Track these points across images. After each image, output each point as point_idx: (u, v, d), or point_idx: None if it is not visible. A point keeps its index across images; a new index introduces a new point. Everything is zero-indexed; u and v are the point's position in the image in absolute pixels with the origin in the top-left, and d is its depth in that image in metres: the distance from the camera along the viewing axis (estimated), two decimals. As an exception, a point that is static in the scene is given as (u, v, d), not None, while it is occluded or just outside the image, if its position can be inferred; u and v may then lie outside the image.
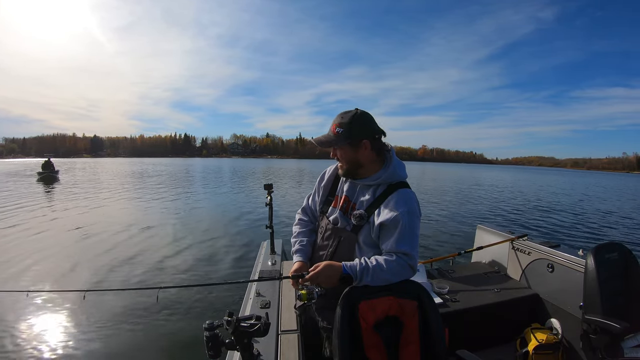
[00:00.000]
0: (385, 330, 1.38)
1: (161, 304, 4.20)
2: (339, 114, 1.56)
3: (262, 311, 1.74)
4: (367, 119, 1.56)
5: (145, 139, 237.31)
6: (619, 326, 1.93)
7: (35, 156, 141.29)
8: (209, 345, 1.24)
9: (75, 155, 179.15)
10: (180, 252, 6.75)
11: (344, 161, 1.60)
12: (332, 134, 1.55)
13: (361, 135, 1.53)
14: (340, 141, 1.54)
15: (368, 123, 1.56)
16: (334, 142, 1.56)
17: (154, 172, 36.36)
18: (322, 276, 1.44)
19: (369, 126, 1.55)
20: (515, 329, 2.68)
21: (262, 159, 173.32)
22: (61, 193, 15.93)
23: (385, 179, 1.57)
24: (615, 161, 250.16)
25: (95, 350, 3.47)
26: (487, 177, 45.78)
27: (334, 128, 1.54)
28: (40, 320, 3.97)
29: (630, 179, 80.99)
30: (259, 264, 2.73)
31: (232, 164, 79.25)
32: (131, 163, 70.39)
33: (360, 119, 1.53)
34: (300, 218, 1.86)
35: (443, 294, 2.75)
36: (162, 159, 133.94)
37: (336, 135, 1.54)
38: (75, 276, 5.39)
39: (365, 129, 1.54)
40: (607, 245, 2.25)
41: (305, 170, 50.62)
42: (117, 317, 4.03)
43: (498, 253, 3.34)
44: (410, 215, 1.47)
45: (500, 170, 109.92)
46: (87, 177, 26.79)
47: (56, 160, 30.34)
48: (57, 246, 7.03)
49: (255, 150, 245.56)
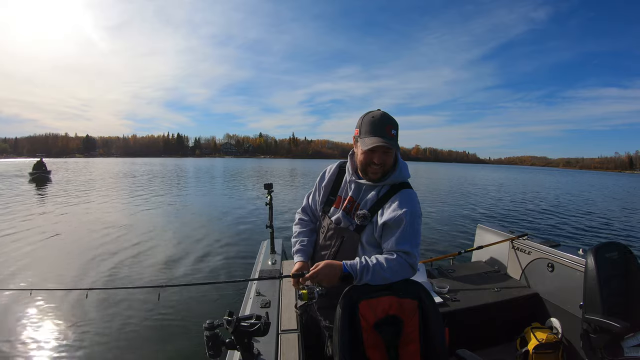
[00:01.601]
0: (385, 330, 1.37)
1: (162, 301, 4.26)
2: (386, 114, 1.50)
3: (262, 311, 1.72)
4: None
5: (137, 139, 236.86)
6: (619, 325, 1.93)
7: (28, 156, 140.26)
8: (209, 344, 1.24)
9: (68, 155, 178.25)
10: (181, 252, 6.73)
11: (387, 165, 1.54)
12: (390, 136, 1.48)
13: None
14: (397, 146, 1.51)
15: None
16: (395, 145, 1.50)
17: (148, 172, 36.18)
18: (322, 275, 1.42)
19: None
20: (516, 328, 2.69)
21: (255, 159, 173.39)
22: (55, 193, 15.75)
23: (392, 180, 1.56)
24: (608, 161, 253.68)
25: (97, 348, 3.47)
26: (482, 177, 46.23)
27: (390, 130, 1.48)
28: (43, 318, 4.00)
29: (623, 178, 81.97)
30: (259, 264, 2.73)
31: (226, 164, 79.16)
32: (124, 163, 70.03)
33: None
34: (300, 218, 1.84)
35: (443, 293, 2.74)
36: (155, 159, 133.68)
37: (393, 138, 1.49)
38: (78, 275, 5.43)
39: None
40: (607, 244, 2.25)
41: (300, 170, 50.70)
42: (119, 316, 4.07)
43: (498, 252, 3.34)
44: (412, 215, 1.47)
45: (494, 169, 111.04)
46: (80, 178, 26.45)
47: (48, 160, 30.09)
48: (57, 246, 7.03)
49: (249, 150, 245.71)
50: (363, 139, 1.49)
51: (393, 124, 1.48)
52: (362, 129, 1.52)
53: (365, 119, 1.51)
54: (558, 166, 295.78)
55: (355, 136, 1.56)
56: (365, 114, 1.53)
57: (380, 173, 1.54)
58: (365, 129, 1.50)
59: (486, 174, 57.81)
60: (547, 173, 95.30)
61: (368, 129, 1.49)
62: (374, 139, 1.45)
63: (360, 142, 1.51)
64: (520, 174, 67.67)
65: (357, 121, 1.56)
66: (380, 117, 1.49)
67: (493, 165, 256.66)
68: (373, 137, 1.46)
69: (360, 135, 1.52)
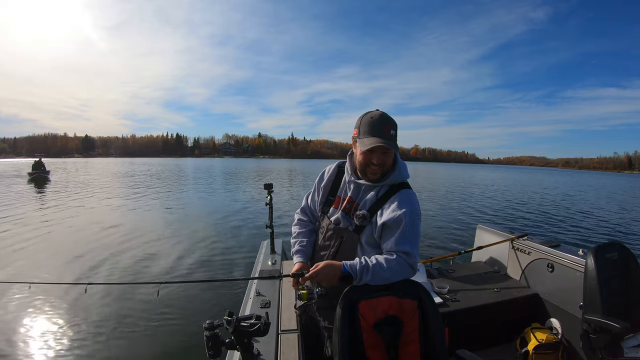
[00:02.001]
0: (385, 330, 1.37)
1: (161, 300, 4.25)
2: (384, 115, 1.49)
3: (262, 311, 1.72)
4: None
5: (136, 139, 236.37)
6: (618, 326, 1.93)
7: (27, 156, 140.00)
8: (209, 344, 1.24)
9: (67, 155, 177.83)
10: (181, 251, 6.73)
11: (387, 166, 1.53)
12: (388, 136, 1.47)
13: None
14: (395, 146, 1.50)
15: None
16: (394, 146, 1.49)
17: (148, 172, 36.10)
18: (322, 275, 1.42)
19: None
20: (515, 328, 2.68)
21: (254, 159, 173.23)
22: (54, 193, 15.73)
23: (391, 180, 1.56)
24: (607, 161, 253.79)
25: (95, 343, 3.47)
26: (481, 177, 46.17)
27: (389, 130, 1.47)
28: (42, 312, 4.02)
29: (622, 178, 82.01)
30: (259, 263, 2.73)
31: (225, 164, 79.04)
32: (123, 163, 69.80)
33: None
34: (299, 218, 1.83)
35: (443, 293, 2.74)
36: (154, 159, 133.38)
37: (392, 139, 1.48)
38: (77, 270, 5.48)
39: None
40: (607, 245, 2.25)
41: (299, 170, 50.68)
42: (118, 311, 4.07)
43: (498, 253, 3.34)
44: (412, 216, 1.46)
45: (493, 169, 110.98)
46: (79, 178, 26.36)
47: (47, 160, 30.03)
48: (57, 243, 7.10)
49: (248, 150, 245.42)
50: (362, 139, 1.48)
51: (392, 124, 1.47)
52: (360, 129, 1.51)
53: (364, 119, 1.50)
54: (557, 166, 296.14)
55: (354, 136, 1.55)
56: (363, 115, 1.52)
57: (379, 173, 1.53)
58: (363, 129, 1.49)
59: (485, 174, 57.82)
60: (546, 173, 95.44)
61: (367, 129, 1.48)
62: (372, 139, 1.44)
63: (359, 142, 1.50)
64: (519, 174, 67.73)
65: (356, 122, 1.55)
66: (379, 117, 1.48)
67: (492, 166, 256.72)
68: (372, 138, 1.45)
69: (359, 136, 1.50)
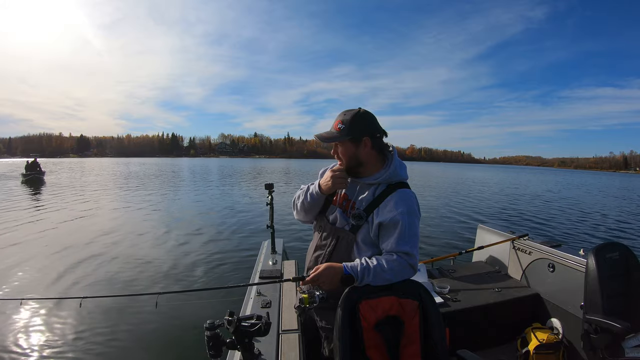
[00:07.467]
0: (386, 330, 1.37)
1: (160, 310, 4.08)
2: (343, 111, 1.59)
3: (262, 311, 1.73)
4: (369, 117, 1.58)
5: (132, 139, 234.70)
6: (619, 326, 1.94)
7: (22, 156, 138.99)
8: (209, 345, 1.24)
9: (62, 155, 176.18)
10: (180, 254, 6.62)
11: (344, 157, 1.59)
12: (335, 130, 1.57)
13: (362, 133, 1.54)
14: (342, 136, 1.54)
15: (370, 121, 1.58)
16: (336, 137, 1.56)
17: (144, 172, 35.79)
18: (323, 277, 1.43)
19: (370, 124, 1.57)
20: (516, 328, 2.69)
21: (250, 159, 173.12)
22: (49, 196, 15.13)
23: (386, 179, 1.56)
24: (602, 160, 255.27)
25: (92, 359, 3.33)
26: (476, 177, 46.19)
27: (337, 124, 1.56)
28: (35, 330, 3.74)
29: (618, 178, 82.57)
30: (260, 264, 2.72)
31: (221, 163, 78.70)
32: (118, 163, 68.86)
33: (362, 116, 1.56)
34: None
35: (444, 293, 2.74)
36: (150, 158, 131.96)
37: (338, 131, 1.55)
38: (71, 283, 5.13)
39: (367, 126, 1.56)
40: (608, 245, 2.26)
41: (296, 169, 50.78)
42: (115, 325, 3.87)
43: (499, 253, 3.35)
44: (409, 215, 1.47)
45: (489, 169, 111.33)
46: (75, 179, 25.83)
47: (42, 160, 29.28)
48: (50, 253, 6.64)
49: (244, 150, 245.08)
50: None
51: (343, 119, 1.55)
52: None
53: None
54: (553, 166, 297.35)
55: None
56: None
57: (351, 165, 1.59)
58: None
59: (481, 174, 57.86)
60: (543, 172, 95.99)
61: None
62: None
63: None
64: (515, 174, 67.85)
65: None
66: (337, 116, 1.60)
67: (488, 165, 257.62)
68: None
69: None
